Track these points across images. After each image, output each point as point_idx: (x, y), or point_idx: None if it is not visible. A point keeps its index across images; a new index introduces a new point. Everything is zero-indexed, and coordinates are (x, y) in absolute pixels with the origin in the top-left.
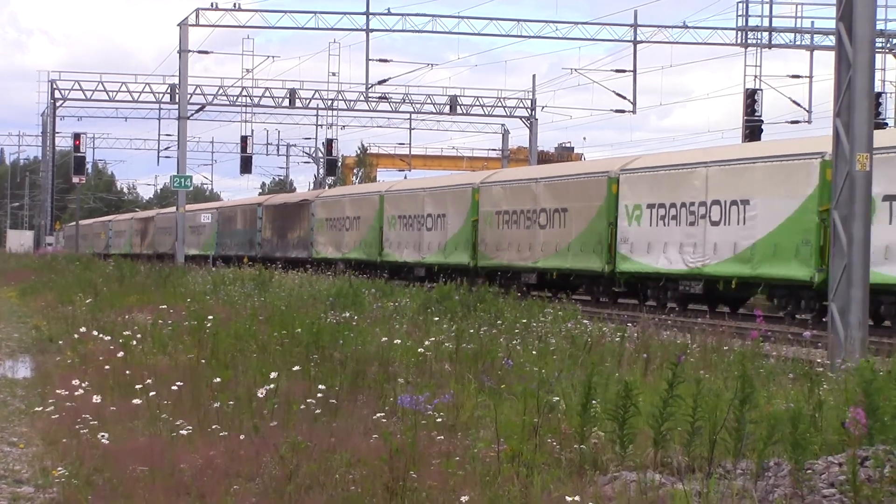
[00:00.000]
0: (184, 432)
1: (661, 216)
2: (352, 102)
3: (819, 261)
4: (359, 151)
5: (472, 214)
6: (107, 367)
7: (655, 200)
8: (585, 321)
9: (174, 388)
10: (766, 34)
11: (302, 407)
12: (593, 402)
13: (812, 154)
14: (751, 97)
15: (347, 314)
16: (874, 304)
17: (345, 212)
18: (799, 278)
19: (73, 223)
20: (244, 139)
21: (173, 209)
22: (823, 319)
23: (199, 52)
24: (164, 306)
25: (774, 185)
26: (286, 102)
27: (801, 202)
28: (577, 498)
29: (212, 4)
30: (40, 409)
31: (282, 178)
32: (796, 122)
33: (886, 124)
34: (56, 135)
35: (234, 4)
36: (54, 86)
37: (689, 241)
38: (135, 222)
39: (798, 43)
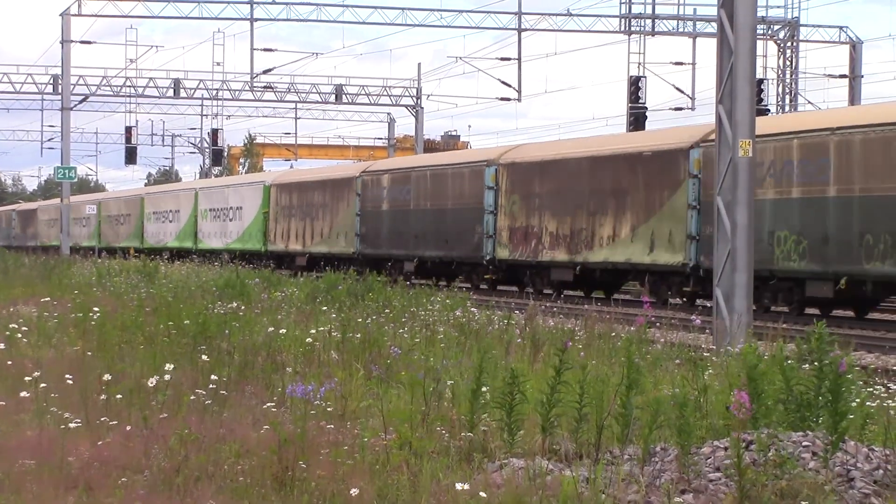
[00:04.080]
0: (72, 425)
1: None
2: (237, 92)
3: None
4: (246, 142)
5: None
6: None
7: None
8: (473, 309)
9: (63, 380)
10: (649, 22)
11: (192, 398)
12: (483, 388)
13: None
14: (635, 84)
15: (235, 304)
16: None
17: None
18: None
19: None
20: (129, 130)
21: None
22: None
23: (82, 42)
24: (49, 298)
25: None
26: (171, 92)
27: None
28: (466, 486)
29: None
30: None
31: (167, 168)
32: (680, 108)
33: (768, 111)
34: None
35: None
36: None
37: None
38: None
39: (681, 30)
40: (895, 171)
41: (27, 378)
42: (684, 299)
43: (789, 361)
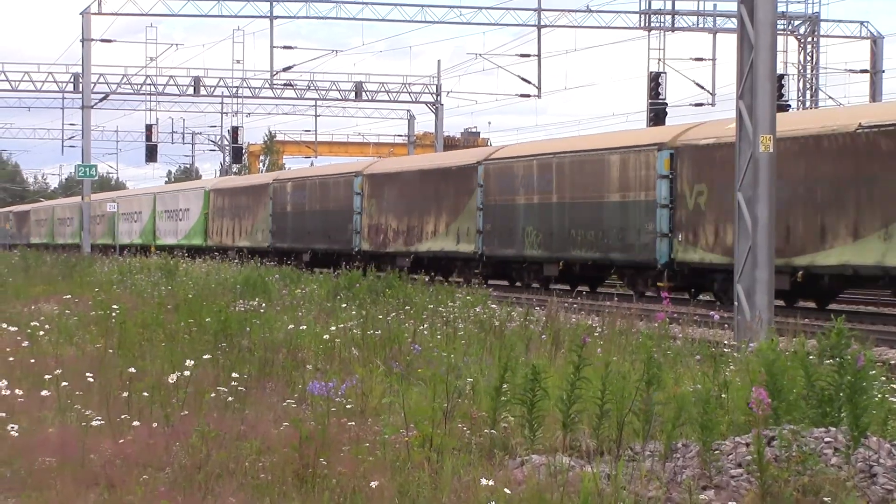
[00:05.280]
0: (94, 423)
1: None
2: (257, 90)
3: None
4: (266, 139)
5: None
6: (10, 358)
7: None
8: (494, 305)
9: (84, 378)
10: (669, 17)
11: (212, 395)
12: (504, 385)
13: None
14: (655, 80)
15: (256, 302)
16: None
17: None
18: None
19: None
20: (149, 128)
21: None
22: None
23: (102, 40)
24: (71, 296)
25: None
26: (191, 90)
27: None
28: (487, 482)
29: None
30: None
31: (188, 166)
32: (700, 104)
33: (789, 106)
34: None
35: None
36: None
37: None
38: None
39: (701, 26)
40: (588, 184)
41: (48, 376)
42: (479, 279)
43: (811, 357)
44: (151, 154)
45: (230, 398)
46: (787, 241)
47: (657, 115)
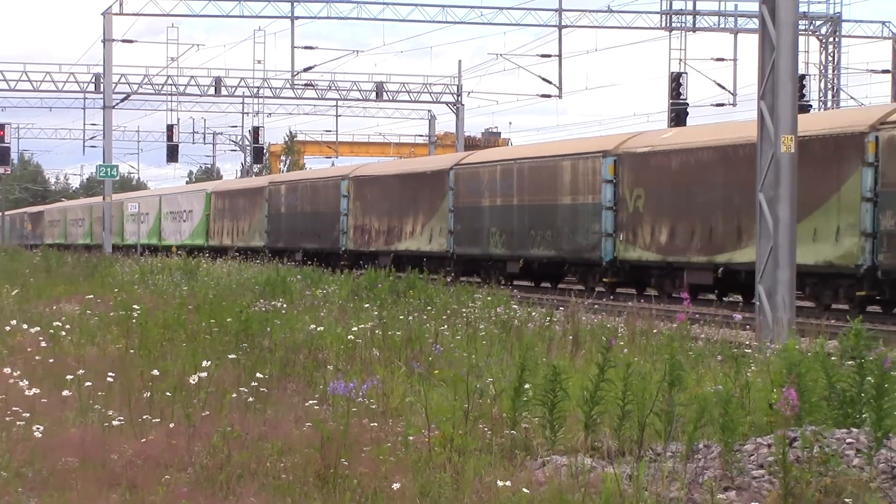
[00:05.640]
0: (116, 423)
1: None
2: (278, 90)
3: None
4: (287, 139)
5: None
6: (37, 357)
7: None
8: (515, 306)
9: (105, 378)
10: (690, 18)
11: (234, 396)
12: (525, 386)
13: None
14: (676, 81)
15: (277, 302)
16: None
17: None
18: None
19: None
20: (170, 128)
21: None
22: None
23: (124, 41)
24: (92, 296)
25: None
26: (212, 90)
27: None
28: (508, 483)
29: None
30: None
31: (209, 166)
32: (721, 104)
33: (810, 107)
34: None
35: None
36: None
37: None
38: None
39: (722, 26)
40: (544, 188)
41: (69, 376)
42: (450, 276)
43: (832, 358)
44: (172, 154)
45: (251, 398)
46: (710, 240)
47: (678, 115)
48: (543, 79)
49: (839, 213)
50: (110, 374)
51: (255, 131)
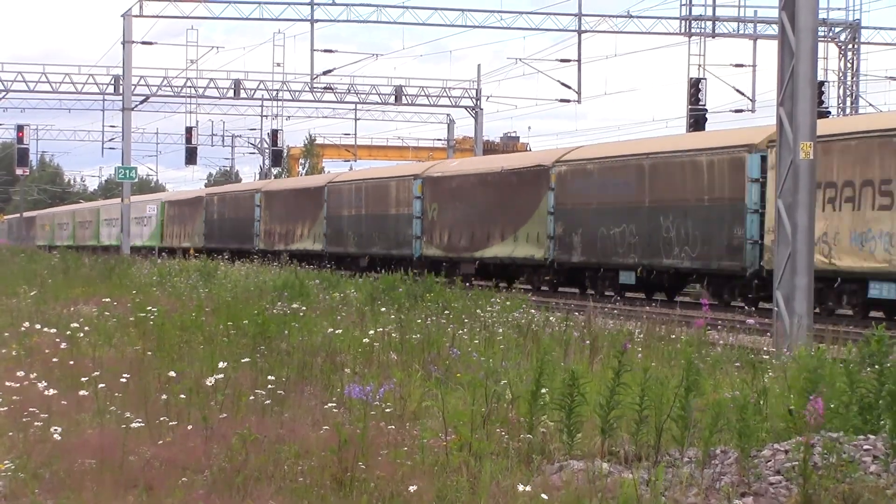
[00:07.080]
0: (133, 425)
1: None
2: (297, 93)
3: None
4: (306, 142)
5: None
6: (54, 359)
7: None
8: (533, 311)
9: (122, 379)
10: (709, 23)
11: (251, 398)
12: (542, 390)
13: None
14: (695, 86)
15: (295, 305)
16: None
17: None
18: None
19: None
20: (189, 130)
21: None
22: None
23: (143, 43)
24: (109, 298)
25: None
26: (231, 93)
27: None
28: (525, 487)
29: None
30: None
31: (227, 168)
32: (740, 110)
33: (829, 113)
34: None
35: None
36: None
37: None
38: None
39: (741, 32)
40: (380, 202)
41: (86, 378)
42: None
43: (851, 364)
44: (191, 156)
45: (268, 401)
46: (472, 241)
47: (697, 121)
48: (563, 83)
49: (539, 222)
50: (127, 375)
51: (274, 134)
